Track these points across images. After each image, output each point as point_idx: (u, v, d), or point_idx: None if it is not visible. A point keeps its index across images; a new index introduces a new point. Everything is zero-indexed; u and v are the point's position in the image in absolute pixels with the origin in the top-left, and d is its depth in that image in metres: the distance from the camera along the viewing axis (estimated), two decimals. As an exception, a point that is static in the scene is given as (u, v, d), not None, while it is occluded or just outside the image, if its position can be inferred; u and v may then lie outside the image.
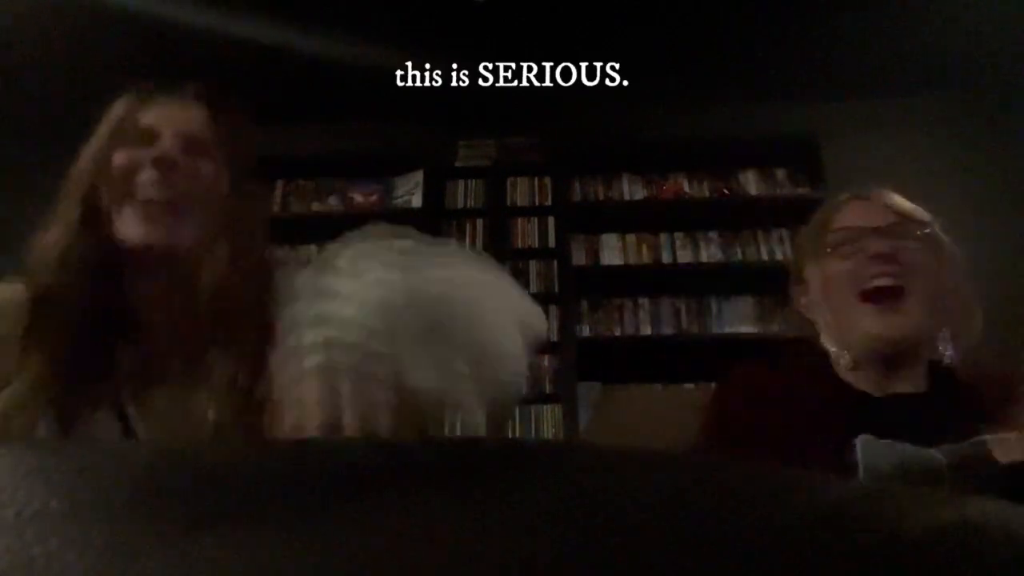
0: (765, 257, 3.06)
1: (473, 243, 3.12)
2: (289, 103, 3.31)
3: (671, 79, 3.25)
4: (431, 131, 3.32)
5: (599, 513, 0.20)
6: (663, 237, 3.14)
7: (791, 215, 3.09)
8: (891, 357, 0.93)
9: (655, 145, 3.25)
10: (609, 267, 3.08)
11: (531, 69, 3.14)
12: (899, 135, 3.25)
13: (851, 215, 0.99)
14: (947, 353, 0.96)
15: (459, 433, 0.56)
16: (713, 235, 3.13)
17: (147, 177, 0.77)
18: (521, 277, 3.03)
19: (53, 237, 0.77)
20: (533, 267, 3.05)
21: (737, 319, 2.97)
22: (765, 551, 0.19)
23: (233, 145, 0.84)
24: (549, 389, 2.80)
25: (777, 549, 0.19)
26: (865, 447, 0.76)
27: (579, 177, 3.27)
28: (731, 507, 0.21)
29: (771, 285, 2.58)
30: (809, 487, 0.22)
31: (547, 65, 3.15)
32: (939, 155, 3.18)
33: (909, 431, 0.79)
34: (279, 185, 3.28)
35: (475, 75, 3.13)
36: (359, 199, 3.26)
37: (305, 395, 0.54)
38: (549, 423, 2.73)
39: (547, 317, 2.93)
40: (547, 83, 3.20)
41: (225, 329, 0.77)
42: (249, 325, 0.75)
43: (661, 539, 0.19)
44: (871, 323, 0.91)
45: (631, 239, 3.14)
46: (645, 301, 3.03)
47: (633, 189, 3.26)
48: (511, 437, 2.67)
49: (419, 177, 3.21)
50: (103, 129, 0.81)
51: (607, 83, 3.25)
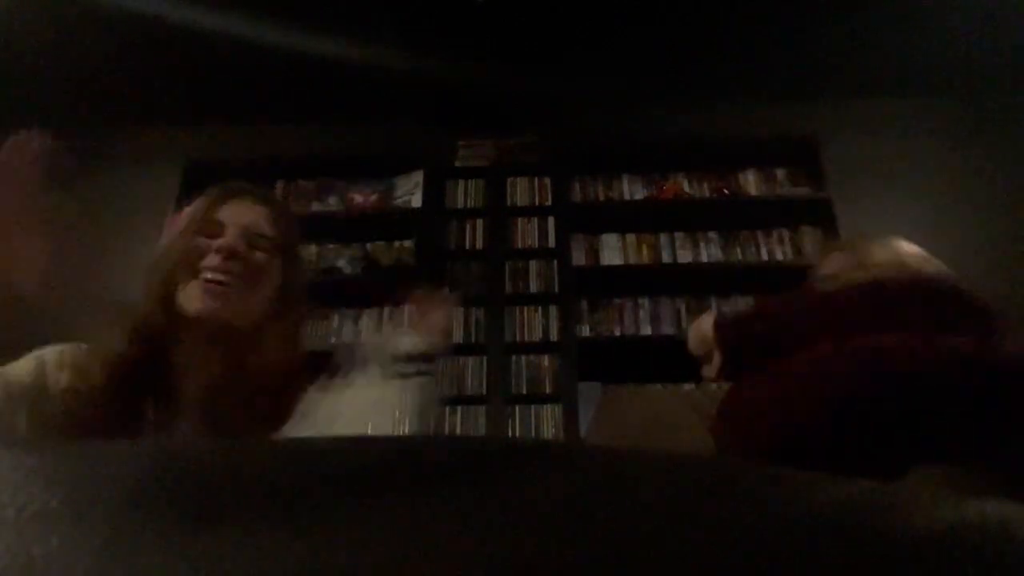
0: (765, 257, 3.06)
1: (473, 243, 3.12)
2: (289, 103, 3.32)
3: (671, 79, 3.25)
4: (431, 131, 3.33)
5: (599, 513, 0.20)
6: (663, 237, 3.14)
7: (791, 215, 3.10)
8: None
9: (655, 145, 3.25)
10: (609, 267, 3.08)
11: (531, 69, 3.15)
12: (899, 135, 3.25)
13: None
14: None
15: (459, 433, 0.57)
16: (713, 235, 3.14)
17: (211, 261, 0.91)
18: (521, 277, 3.03)
19: (141, 312, 0.91)
20: (533, 267, 3.05)
21: (737, 319, 2.96)
22: (765, 551, 0.19)
23: (286, 239, 0.99)
24: (549, 389, 2.80)
25: (777, 549, 0.19)
26: None
27: (579, 177, 3.28)
28: (731, 507, 0.21)
29: (771, 285, 2.58)
30: (809, 487, 0.22)
31: (547, 65, 3.15)
32: (939, 155, 3.18)
33: None
34: (279, 185, 3.28)
35: (475, 75, 3.13)
36: (359, 199, 3.25)
37: None
38: (549, 423, 2.73)
39: (548, 317, 2.93)
40: (547, 83, 3.20)
41: (253, 402, 0.90)
42: (276, 402, 0.91)
43: (662, 539, 0.19)
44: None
45: (631, 239, 3.14)
46: (645, 301, 3.03)
47: (633, 189, 3.26)
48: (511, 437, 2.67)
49: (419, 177, 3.21)
50: (184, 222, 0.96)
51: (607, 83, 3.26)
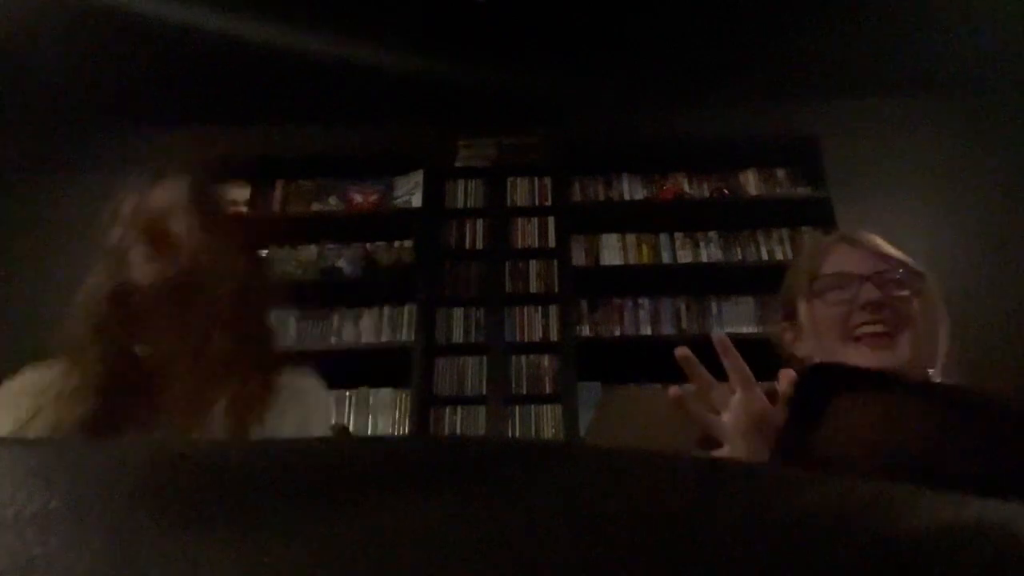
0: (765, 257, 3.05)
1: (473, 243, 3.12)
2: (289, 103, 3.32)
3: (671, 79, 3.25)
4: (431, 131, 3.32)
5: (599, 514, 0.20)
6: (663, 237, 3.14)
7: (791, 215, 3.10)
8: None
9: (655, 145, 3.25)
10: (609, 267, 3.08)
11: (531, 69, 3.15)
12: (899, 135, 3.25)
13: (840, 260, 0.99)
14: None
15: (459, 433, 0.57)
16: (713, 235, 3.13)
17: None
18: (521, 277, 3.03)
19: (89, 286, 0.96)
20: (533, 267, 3.05)
21: (737, 319, 2.96)
22: (765, 550, 0.19)
23: (203, 213, 1.04)
24: (549, 389, 2.80)
25: (777, 548, 0.19)
26: None
27: (579, 177, 3.27)
28: (731, 507, 0.21)
29: (771, 285, 2.57)
30: (809, 486, 0.22)
31: (547, 65, 3.15)
32: (939, 155, 3.18)
33: None
34: (279, 185, 3.28)
35: (475, 75, 3.13)
36: (359, 199, 3.25)
37: None
38: (549, 423, 2.73)
39: (548, 317, 2.93)
40: (547, 83, 3.20)
41: (229, 370, 0.93)
42: (247, 377, 0.94)
43: (662, 539, 0.19)
44: (861, 359, 0.92)
45: (631, 239, 3.14)
46: (645, 301, 3.03)
47: (633, 189, 3.26)
48: (511, 437, 2.67)
49: (419, 177, 3.21)
50: (121, 211, 1.01)
51: (607, 83, 3.25)
